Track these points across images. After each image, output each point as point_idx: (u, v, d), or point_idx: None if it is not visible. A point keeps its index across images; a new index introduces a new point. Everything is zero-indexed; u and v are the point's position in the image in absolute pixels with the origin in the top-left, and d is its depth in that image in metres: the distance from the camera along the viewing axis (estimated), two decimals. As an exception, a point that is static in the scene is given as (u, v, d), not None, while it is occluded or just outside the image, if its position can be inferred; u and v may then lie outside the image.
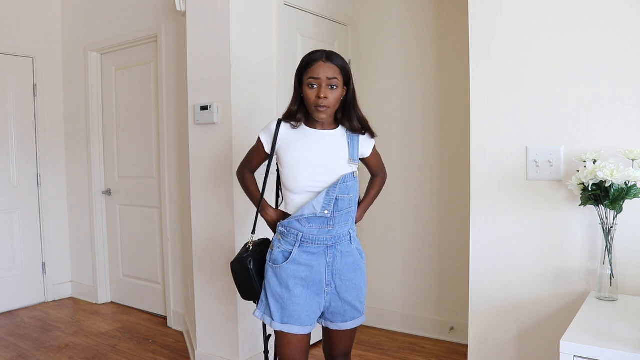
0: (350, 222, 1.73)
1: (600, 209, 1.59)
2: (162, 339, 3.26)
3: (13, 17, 3.83)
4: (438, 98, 3.10)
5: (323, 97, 1.62)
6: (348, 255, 1.72)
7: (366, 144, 1.79)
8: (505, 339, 1.86)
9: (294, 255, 1.67)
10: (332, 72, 1.63)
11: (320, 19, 3.12)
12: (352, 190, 1.70)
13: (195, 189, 2.70)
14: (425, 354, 2.94)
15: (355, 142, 1.74)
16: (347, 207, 1.69)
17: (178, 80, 3.24)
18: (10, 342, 3.20)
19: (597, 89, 1.68)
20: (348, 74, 1.69)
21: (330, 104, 1.64)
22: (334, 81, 1.63)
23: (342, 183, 1.66)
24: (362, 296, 1.78)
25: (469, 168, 1.93)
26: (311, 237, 1.67)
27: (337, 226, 1.68)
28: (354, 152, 1.73)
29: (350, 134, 1.74)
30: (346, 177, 1.67)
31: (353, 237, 1.75)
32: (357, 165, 1.73)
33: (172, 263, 3.45)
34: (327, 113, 1.65)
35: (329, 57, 1.66)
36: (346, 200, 1.68)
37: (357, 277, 1.75)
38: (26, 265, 3.95)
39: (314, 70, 1.64)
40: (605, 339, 1.31)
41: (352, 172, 1.70)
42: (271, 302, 1.69)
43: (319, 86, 1.63)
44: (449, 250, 3.09)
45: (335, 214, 1.67)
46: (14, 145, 3.87)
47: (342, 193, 1.66)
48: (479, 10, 1.88)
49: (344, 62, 1.69)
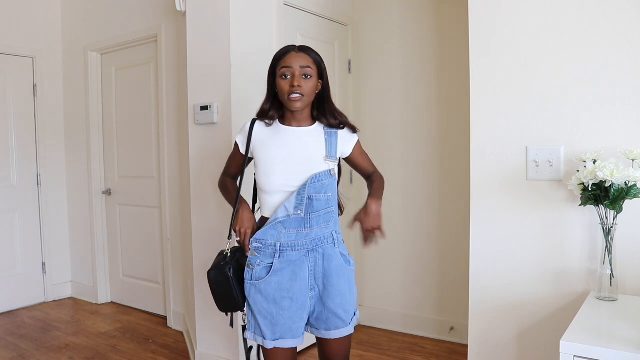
0: (332, 224, 1.63)
1: (600, 209, 1.59)
2: (162, 339, 3.26)
3: (13, 17, 3.83)
4: (438, 98, 3.10)
5: (297, 85, 1.57)
6: (331, 259, 1.63)
7: (346, 140, 1.69)
8: (505, 339, 1.86)
9: (275, 266, 1.59)
10: (304, 61, 1.60)
11: (320, 19, 3.12)
12: (330, 189, 1.61)
13: (195, 189, 2.70)
14: (425, 354, 2.95)
15: (334, 138, 1.65)
16: (324, 208, 1.60)
17: (178, 80, 3.24)
18: (10, 342, 3.20)
19: (597, 89, 1.68)
20: (322, 67, 1.65)
21: (305, 92, 1.58)
22: (307, 70, 1.59)
23: (316, 182, 1.58)
24: (348, 304, 1.66)
25: (469, 168, 1.93)
26: (290, 243, 1.59)
27: (315, 228, 1.59)
28: (332, 149, 1.63)
29: (329, 129, 1.67)
30: (320, 176, 1.58)
31: (337, 240, 1.65)
32: (335, 163, 1.65)
33: (172, 263, 3.45)
34: (301, 102, 1.59)
35: (302, 49, 1.64)
36: (322, 200, 1.59)
37: (341, 283, 1.63)
38: (26, 265, 3.95)
39: (286, 60, 1.60)
40: (605, 339, 1.31)
41: (328, 169, 1.61)
42: (260, 321, 1.61)
43: (292, 75, 1.58)
44: (449, 251, 3.09)
45: (312, 215, 1.58)
46: (14, 145, 3.87)
47: (316, 192, 1.58)
48: (479, 10, 1.88)
49: (318, 56, 1.65)
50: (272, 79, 1.67)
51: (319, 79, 1.64)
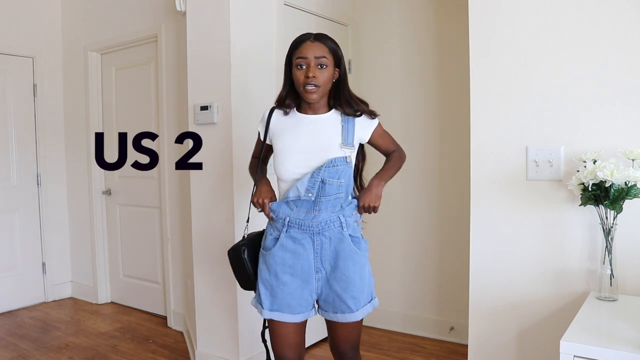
0: (339, 209, 1.62)
1: (600, 209, 1.59)
2: (162, 339, 3.26)
3: (13, 17, 3.82)
4: (438, 98, 3.10)
5: (312, 77, 1.57)
6: (338, 242, 1.62)
7: (364, 127, 1.68)
8: (505, 339, 1.86)
9: (281, 240, 1.63)
10: (320, 51, 1.59)
11: (320, 19, 3.12)
12: (343, 175, 1.60)
13: (195, 189, 2.70)
14: (425, 354, 2.94)
15: (351, 125, 1.64)
16: (335, 193, 1.60)
17: (178, 80, 3.24)
18: (10, 342, 3.20)
19: (597, 88, 1.69)
20: (338, 55, 1.64)
21: (320, 83, 1.58)
22: (322, 60, 1.59)
23: (331, 166, 1.58)
24: (357, 291, 1.63)
25: (469, 168, 1.93)
26: (298, 221, 1.61)
27: (323, 212, 1.60)
28: (348, 136, 1.63)
29: (345, 117, 1.66)
30: (335, 161, 1.59)
31: (346, 223, 1.63)
32: (351, 150, 1.63)
33: (172, 263, 3.45)
34: (317, 93, 1.60)
35: (317, 37, 1.62)
36: (334, 185, 1.59)
37: (348, 268, 1.62)
38: (26, 265, 3.94)
39: (301, 50, 1.61)
40: (605, 339, 1.31)
41: (344, 156, 1.61)
42: (261, 290, 1.67)
43: (307, 66, 1.58)
44: (449, 251, 3.09)
45: (322, 199, 1.59)
46: (14, 145, 3.87)
47: (330, 177, 1.58)
48: (479, 11, 1.88)
49: (334, 43, 1.64)
50: (288, 67, 1.67)
51: (335, 67, 1.63)
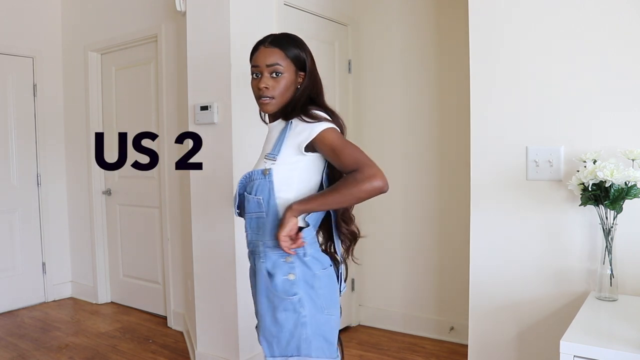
0: (262, 233, 1.40)
1: (600, 209, 1.59)
2: (162, 339, 3.26)
3: (13, 17, 3.82)
4: (438, 98, 3.10)
5: (263, 87, 1.40)
6: (258, 273, 1.42)
7: (298, 132, 1.38)
8: (505, 339, 1.86)
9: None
10: (273, 58, 1.40)
11: (320, 19, 3.12)
12: (260, 191, 1.39)
13: (195, 189, 2.70)
14: (425, 354, 2.94)
15: (283, 133, 1.42)
16: (255, 211, 1.40)
17: (178, 80, 3.24)
18: (10, 342, 3.20)
19: (597, 89, 1.69)
20: (300, 58, 1.44)
21: (275, 94, 1.41)
22: (276, 67, 1.40)
23: (246, 179, 1.42)
24: (267, 332, 1.39)
25: (469, 168, 1.93)
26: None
27: (249, 231, 1.44)
28: (275, 146, 1.40)
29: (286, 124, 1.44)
30: (253, 174, 1.41)
31: (265, 254, 1.40)
32: (272, 162, 1.39)
33: (172, 263, 3.45)
34: (272, 105, 1.42)
35: (273, 41, 1.43)
36: (252, 201, 1.40)
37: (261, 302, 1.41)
38: (26, 265, 3.94)
39: (255, 58, 1.44)
40: (605, 339, 1.31)
41: (262, 169, 1.40)
42: None
43: (261, 75, 1.42)
44: (449, 251, 3.09)
45: (246, 216, 1.44)
46: (14, 145, 3.87)
47: (248, 191, 1.41)
48: (479, 11, 1.88)
49: (293, 45, 1.44)
50: None
51: (300, 71, 1.45)
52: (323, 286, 1.40)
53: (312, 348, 1.36)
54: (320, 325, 1.38)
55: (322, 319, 1.39)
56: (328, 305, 1.41)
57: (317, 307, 1.38)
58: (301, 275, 1.37)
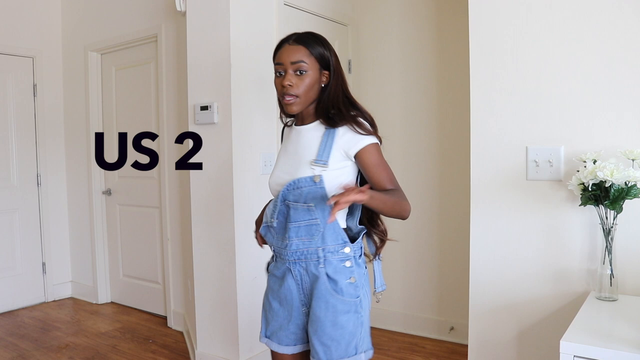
0: (317, 240, 1.38)
1: (600, 209, 1.59)
2: (162, 339, 3.26)
3: (13, 17, 3.82)
4: (438, 98, 3.10)
5: (287, 85, 1.37)
6: (315, 280, 1.40)
7: (347, 141, 1.39)
8: (505, 339, 1.86)
9: (271, 266, 1.53)
10: (297, 55, 1.38)
11: (320, 19, 3.12)
12: (311, 199, 1.37)
13: (195, 189, 2.70)
14: (425, 354, 2.94)
15: (330, 138, 1.39)
16: (305, 219, 1.38)
17: (178, 80, 3.24)
18: (10, 342, 3.20)
19: (597, 88, 1.68)
20: (325, 57, 1.41)
21: (299, 93, 1.38)
22: (300, 65, 1.38)
23: (292, 188, 1.38)
24: (326, 337, 1.36)
25: (469, 168, 1.93)
26: (277, 249, 1.47)
27: (294, 240, 1.39)
28: (324, 152, 1.38)
29: (328, 129, 1.41)
30: (299, 182, 1.37)
31: (324, 259, 1.39)
32: (322, 168, 1.37)
33: (172, 263, 3.45)
34: (297, 104, 1.40)
35: (298, 39, 1.41)
36: (300, 209, 1.38)
37: (320, 309, 1.38)
38: (26, 265, 3.94)
39: (279, 55, 1.41)
40: (605, 339, 1.31)
41: (311, 175, 1.37)
42: (262, 313, 1.55)
43: (285, 72, 1.39)
44: (449, 250, 3.09)
45: (290, 225, 1.40)
46: (14, 145, 3.87)
47: (294, 200, 1.39)
48: (479, 10, 1.88)
49: (320, 43, 1.42)
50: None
51: (324, 70, 1.42)
52: (367, 283, 1.47)
53: (365, 343, 1.43)
54: (368, 320, 1.46)
55: (369, 314, 1.47)
56: (370, 300, 1.48)
57: (368, 303, 1.46)
58: (358, 276, 1.42)
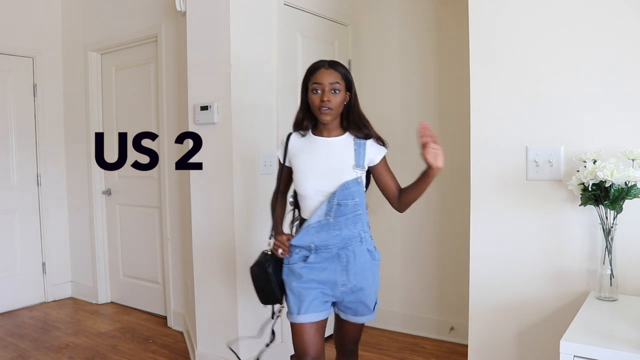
0: (359, 225, 1.80)
1: (600, 209, 1.59)
2: (162, 339, 3.26)
3: (13, 17, 3.83)
4: (438, 98, 3.10)
5: (326, 100, 1.73)
6: (360, 256, 1.80)
7: (374, 150, 1.84)
8: (505, 339, 1.86)
9: (310, 259, 1.78)
10: (333, 77, 1.76)
11: (320, 19, 3.12)
12: (357, 195, 1.78)
13: (195, 189, 2.70)
14: (425, 354, 2.95)
15: (362, 148, 1.81)
16: (352, 212, 1.78)
17: (178, 80, 3.24)
18: (10, 342, 3.20)
19: (597, 88, 1.68)
20: (349, 79, 1.80)
21: (333, 107, 1.75)
22: (335, 85, 1.75)
23: (345, 189, 1.75)
24: (373, 294, 1.86)
25: (469, 168, 1.93)
26: (322, 243, 1.77)
27: (344, 229, 1.77)
28: (360, 158, 1.80)
29: (357, 140, 1.82)
30: (348, 184, 1.75)
31: (364, 238, 1.81)
32: (362, 171, 1.79)
33: (172, 263, 3.45)
34: (330, 115, 1.76)
35: (331, 65, 1.79)
36: (350, 205, 1.77)
37: (367, 277, 1.82)
38: (26, 265, 3.95)
39: (317, 77, 1.77)
40: (605, 339, 1.31)
41: (356, 177, 1.77)
42: (290, 298, 1.79)
43: (323, 91, 1.74)
44: (449, 250, 3.09)
45: (340, 219, 1.76)
46: (14, 145, 3.87)
47: (344, 199, 1.75)
48: (479, 11, 1.88)
49: (346, 70, 1.81)
50: (304, 92, 1.83)
51: (347, 91, 1.79)
52: None
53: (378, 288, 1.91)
54: None
55: None
56: None
57: None
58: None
